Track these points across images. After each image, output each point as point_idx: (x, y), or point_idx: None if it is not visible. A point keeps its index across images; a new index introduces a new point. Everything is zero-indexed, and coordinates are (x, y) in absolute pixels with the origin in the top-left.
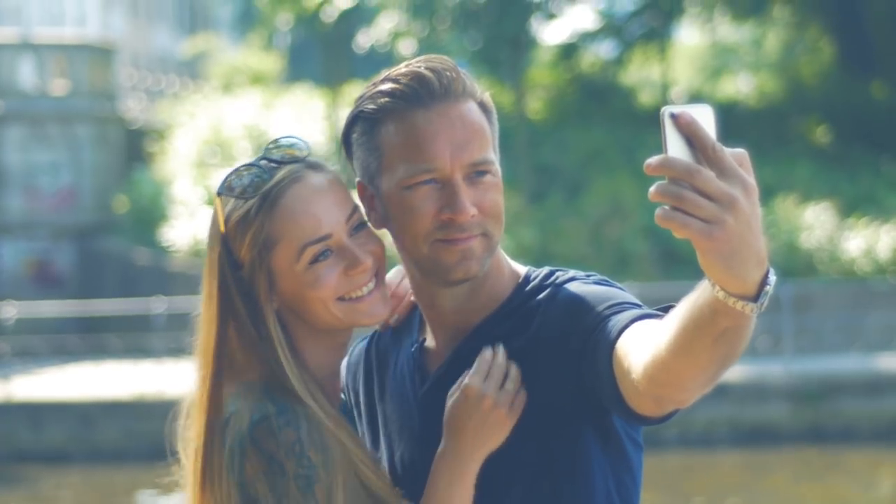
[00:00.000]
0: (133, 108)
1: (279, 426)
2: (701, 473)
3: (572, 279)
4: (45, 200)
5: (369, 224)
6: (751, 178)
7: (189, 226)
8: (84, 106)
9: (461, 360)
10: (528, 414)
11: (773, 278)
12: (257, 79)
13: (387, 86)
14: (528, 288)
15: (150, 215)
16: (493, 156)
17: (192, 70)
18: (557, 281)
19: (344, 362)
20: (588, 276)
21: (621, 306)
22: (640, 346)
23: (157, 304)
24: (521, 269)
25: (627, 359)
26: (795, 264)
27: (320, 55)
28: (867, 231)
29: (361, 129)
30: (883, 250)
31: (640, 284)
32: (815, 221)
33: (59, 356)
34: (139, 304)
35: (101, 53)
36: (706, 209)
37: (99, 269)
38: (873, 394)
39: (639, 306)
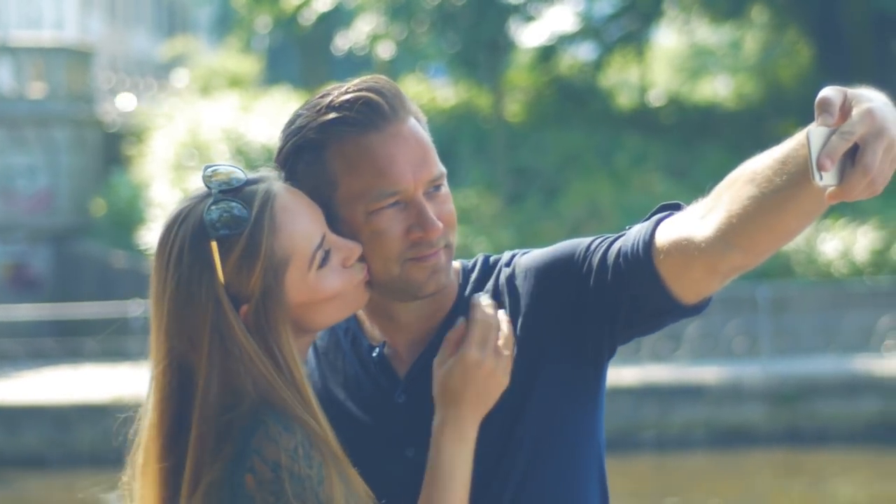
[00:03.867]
0: (110, 111)
1: (278, 432)
2: (677, 475)
3: (516, 254)
4: (22, 203)
5: None
6: (861, 105)
7: None
8: (61, 109)
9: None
10: (517, 387)
11: None
12: (235, 81)
13: (332, 114)
14: (472, 277)
15: (127, 218)
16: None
17: (170, 72)
18: (505, 260)
19: None
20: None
21: (603, 237)
22: (720, 230)
23: (135, 308)
24: (455, 263)
25: (696, 248)
26: (772, 266)
27: (298, 58)
28: (844, 233)
29: (309, 158)
30: (860, 252)
31: None
32: None
33: (36, 359)
34: (116, 308)
35: (78, 56)
36: (874, 148)
37: (76, 272)
38: (850, 395)
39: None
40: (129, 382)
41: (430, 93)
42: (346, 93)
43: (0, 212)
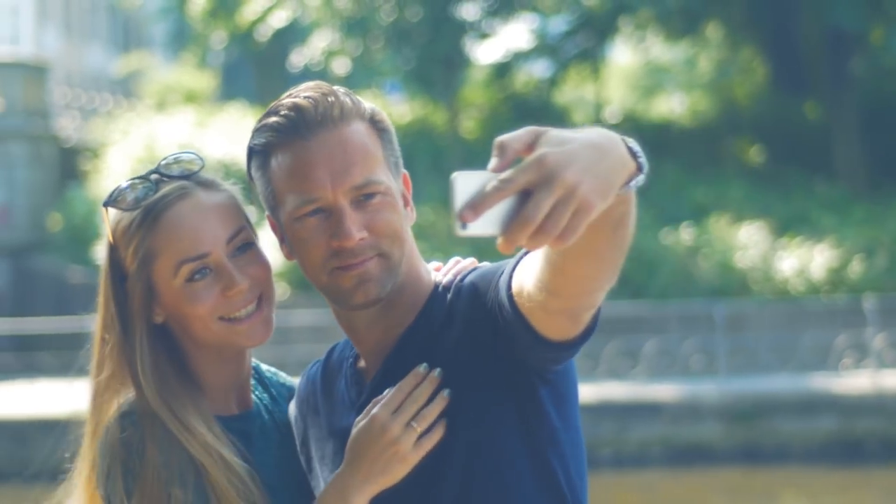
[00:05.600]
0: (67, 127)
1: (124, 426)
2: (634, 493)
3: (470, 272)
4: None
5: (257, 246)
6: (526, 134)
7: None
8: (18, 124)
9: (389, 374)
10: (453, 414)
11: (635, 144)
12: (191, 97)
13: (271, 119)
14: (439, 291)
15: (83, 233)
16: (384, 175)
17: (125, 88)
18: (460, 277)
19: (300, 384)
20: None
21: (514, 260)
22: (535, 273)
23: (91, 323)
24: (436, 275)
25: (527, 291)
26: (729, 284)
27: (254, 74)
28: (800, 251)
29: (256, 163)
30: (816, 270)
31: None
32: (748, 241)
33: None
34: (73, 323)
35: (34, 72)
36: (543, 200)
37: (33, 287)
38: (807, 413)
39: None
40: (85, 397)
41: (385, 109)
42: (286, 99)
43: None
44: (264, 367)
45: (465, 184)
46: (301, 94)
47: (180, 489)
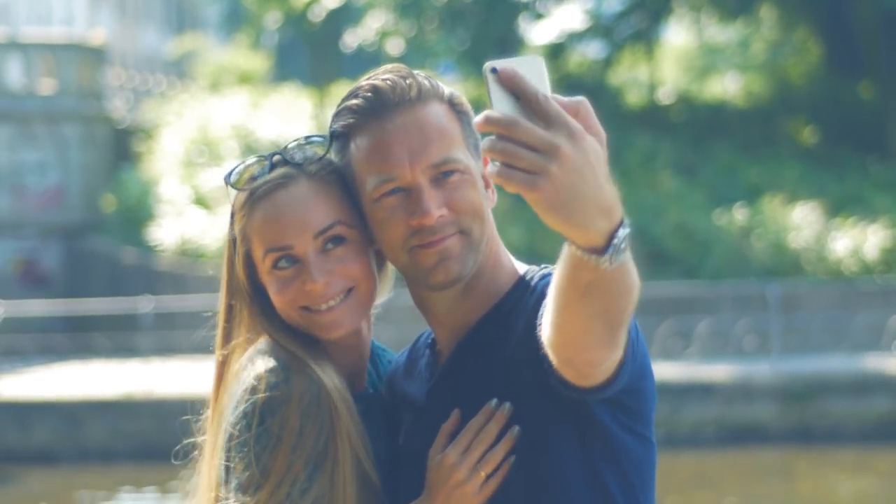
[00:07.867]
0: (120, 108)
1: (269, 383)
2: (688, 473)
3: (548, 275)
4: (33, 200)
5: (353, 241)
6: (578, 125)
7: (176, 225)
8: (71, 105)
9: (461, 358)
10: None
11: (624, 231)
12: (245, 78)
13: (350, 102)
14: (524, 281)
15: (137, 215)
16: (462, 153)
17: (179, 69)
18: (541, 279)
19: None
20: None
21: None
22: (545, 311)
23: (144, 304)
24: (522, 268)
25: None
26: (783, 264)
27: (308, 55)
28: (854, 231)
29: (337, 147)
30: (870, 250)
31: None
32: (802, 221)
33: (47, 355)
34: (126, 304)
35: (88, 53)
36: (526, 159)
37: (86, 268)
38: (860, 393)
39: None
40: (138, 378)
41: None
42: (365, 81)
43: (11, 208)
44: (377, 342)
45: (531, 67)
46: (379, 76)
47: (304, 469)
